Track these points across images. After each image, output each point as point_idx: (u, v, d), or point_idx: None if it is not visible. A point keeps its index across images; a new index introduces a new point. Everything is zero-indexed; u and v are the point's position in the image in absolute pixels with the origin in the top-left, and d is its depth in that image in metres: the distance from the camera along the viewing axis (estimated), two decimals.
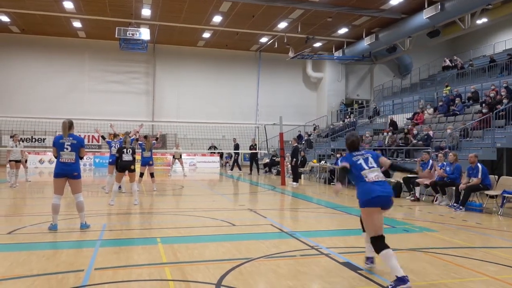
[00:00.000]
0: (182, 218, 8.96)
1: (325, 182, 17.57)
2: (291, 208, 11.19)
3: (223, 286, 4.47)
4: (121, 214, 9.03)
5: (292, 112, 30.06)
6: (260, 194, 14.04)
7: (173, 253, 5.76)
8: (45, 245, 6.28)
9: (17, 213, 9.14)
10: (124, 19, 23.12)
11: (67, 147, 7.14)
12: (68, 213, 8.95)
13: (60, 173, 7.14)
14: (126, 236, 7.09)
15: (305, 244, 6.38)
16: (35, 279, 4.62)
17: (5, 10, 22.78)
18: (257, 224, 8.22)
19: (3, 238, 6.69)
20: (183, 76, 29.68)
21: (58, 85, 27.54)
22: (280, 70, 31.25)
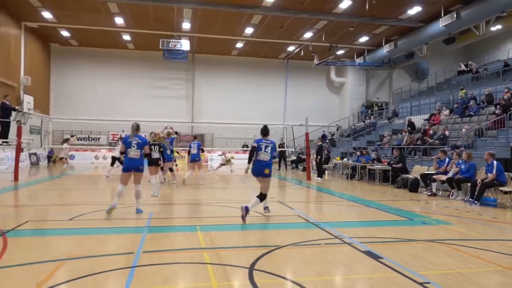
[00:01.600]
0: (219, 208, 9.04)
1: (347, 177, 17.34)
2: (316, 201, 11.10)
3: (255, 269, 4.48)
4: (164, 205, 9.20)
5: (317, 113, 29.83)
6: (288, 188, 14.00)
7: (210, 240, 5.82)
8: (101, 230, 6.48)
9: (76, 202, 9.47)
10: (167, 32, 23.51)
11: (133, 146, 7.63)
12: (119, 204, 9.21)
13: (127, 168, 7.66)
14: (169, 223, 7.22)
15: (329, 234, 6.32)
16: (93, 259, 4.78)
17: (66, 26, 23.61)
18: (285, 215, 8.20)
19: (65, 223, 6.95)
20: (218, 82, 29.93)
21: (111, 91, 28.32)
22: (306, 76, 31.04)
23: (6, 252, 4.99)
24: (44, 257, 4.81)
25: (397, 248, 5.55)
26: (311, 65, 27.26)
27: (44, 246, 5.39)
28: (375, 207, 9.35)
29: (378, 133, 23.64)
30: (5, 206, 8.86)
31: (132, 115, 26.77)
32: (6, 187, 11.91)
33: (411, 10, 20.21)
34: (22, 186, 12.40)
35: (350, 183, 15.60)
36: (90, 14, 21.32)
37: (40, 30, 24.33)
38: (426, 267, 4.73)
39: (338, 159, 19.84)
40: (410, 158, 16.44)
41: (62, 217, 7.41)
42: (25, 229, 6.42)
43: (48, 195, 10.82)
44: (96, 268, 4.45)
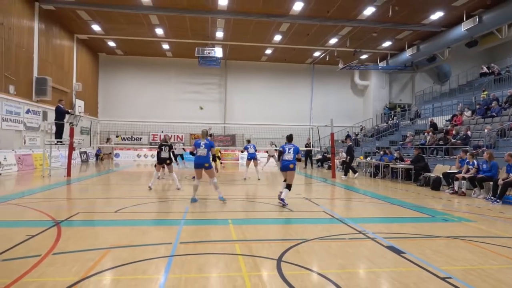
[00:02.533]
0: (249, 203, 9.08)
1: (370, 175, 17.00)
2: (341, 198, 10.95)
3: (283, 261, 4.48)
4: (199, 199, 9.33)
5: (341, 115, 29.43)
6: (314, 185, 13.90)
7: (241, 232, 5.86)
8: (143, 222, 6.65)
9: (121, 196, 9.77)
10: (202, 41, 23.81)
11: (202, 145, 8.49)
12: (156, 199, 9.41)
13: (197, 164, 8.54)
14: (203, 217, 7.32)
15: (353, 229, 6.22)
16: (136, 248, 4.91)
17: (113, 37, 24.36)
18: (311, 210, 8.14)
19: (111, 215, 7.18)
20: (249, 86, 30.04)
21: (151, 95, 28.97)
22: (331, 79, 30.66)
23: (60, 240, 5.22)
24: (92, 245, 5.00)
25: (419, 244, 5.39)
26: (336, 69, 26.89)
27: (93, 236, 5.60)
28: (397, 204, 9.13)
29: (400, 133, 23.05)
30: (59, 199, 9.26)
31: (170, 117, 27.34)
32: (60, 182, 12.44)
33: (433, 15, 19.54)
34: (73, 181, 12.91)
35: (373, 181, 15.29)
36: (134, 26, 21.91)
37: (90, 41, 25.23)
38: (448, 262, 4.58)
39: (361, 158, 19.47)
40: (432, 157, 15.92)
41: (108, 210, 7.66)
42: (76, 220, 6.68)
43: (96, 189, 11.22)
44: (138, 256, 4.57)
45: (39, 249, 4.76)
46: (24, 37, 17.96)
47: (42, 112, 19.48)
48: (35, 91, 18.71)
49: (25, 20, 17.99)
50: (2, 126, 16.21)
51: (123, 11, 19.36)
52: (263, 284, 3.83)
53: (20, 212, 7.32)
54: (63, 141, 14.72)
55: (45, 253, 4.58)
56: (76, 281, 3.80)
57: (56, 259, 4.43)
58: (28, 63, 18.34)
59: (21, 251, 4.67)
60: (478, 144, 13.88)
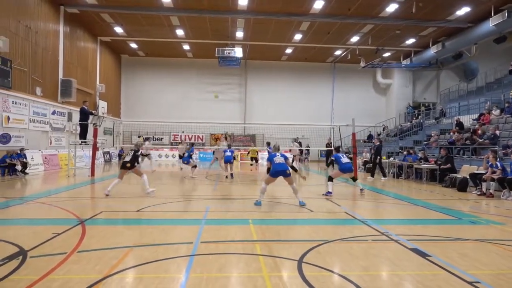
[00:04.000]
0: (269, 204, 9.08)
1: (393, 176, 16.69)
2: (363, 199, 10.80)
3: (304, 262, 4.45)
4: (221, 199, 9.39)
5: (363, 114, 29.06)
6: (335, 186, 13.74)
7: (262, 233, 5.86)
8: (164, 221, 6.75)
9: (143, 195, 9.94)
10: (222, 41, 23.97)
11: (278, 155, 8.81)
12: (177, 198, 9.52)
13: (275, 173, 8.59)
14: (224, 217, 7.36)
15: (375, 231, 6.12)
16: (157, 247, 4.99)
17: (135, 39, 24.84)
18: (333, 211, 8.07)
19: (134, 214, 7.31)
20: (269, 85, 30.03)
21: (172, 96, 29.38)
22: (352, 78, 30.30)
23: (85, 238, 5.35)
24: (116, 243, 5.11)
25: (445, 247, 5.26)
26: (357, 67, 26.55)
27: (116, 234, 5.72)
28: (422, 205, 8.93)
29: (425, 133, 22.52)
30: (84, 198, 9.51)
31: (191, 117, 27.64)
32: (84, 181, 12.77)
33: (459, 11, 19.00)
34: (97, 181, 13.23)
35: (397, 182, 15.01)
36: (155, 27, 22.27)
37: (112, 43, 25.80)
38: (476, 266, 4.44)
39: (384, 158, 19.13)
40: (458, 157, 15.48)
41: (130, 209, 7.81)
42: (100, 219, 6.84)
43: (119, 189, 11.45)
44: (160, 255, 4.64)
45: (65, 246, 4.90)
46: (50, 40, 18.54)
47: (67, 113, 20.07)
48: (60, 92, 19.30)
49: (51, 23, 18.57)
50: (30, 127, 16.79)
51: (145, 13, 19.71)
52: (284, 284, 3.82)
53: (46, 210, 7.56)
54: (87, 141, 15.11)
55: (70, 251, 4.71)
56: (99, 279, 3.89)
57: (81, 257, 4.55)
58: (54, 65, 18.92)
59: (48, 249, 4.82)
60: (508, 143, 13.41)
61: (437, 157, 14.75)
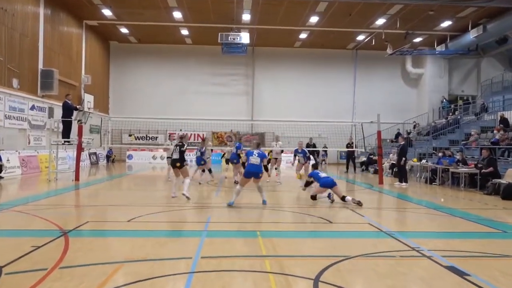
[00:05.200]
0: (280, 213, 9.06)
1: (426, 181, 16.57)
2: (390, 208, 10.73)
3: (321, 281, 4.43)
4: (223, 208, 9.40)
5: (390, 109, 28.88)
6: (357, 193, 13.68)
7: (272, 247, 5.85)
8: (159, 233, 6.78)
9: (135, 203, 9.98)
10: (225, 25, 24.00)
11: (255, 155, 9.42)
12: (175, 207, 9.56)
13: (247, 173, 9.41)
14: (228, 228, 7.36)
15: (404, 245, 6.08)
16: (152, 263, 5.01)
17: (125, 23, 25.02)
18: (354, 222, 8.03)
19: (124, 225, 7.35)
20: (280, 76, 30.03)
21: (169, 88, 29.55)
22: (378, 67, 30.16)
23: (68, 251, 5.40)
24: (104, 258, 5.14)
25: (487, 265, 5.20)
26: (383, 55, 26.40)
27: (104, 247, 5.76)
28: (459, 216, 8.84)
29: (463, 131, 22.33)
30: (67, 206, 9.59)
31: (190, 113, 27.75)
32: (68, 187, 12.88)
33: None
34: (82, 186, 13.34)
35: (430, 188, 14.88)
36: (149, 9, 22.40)
37: (100, 28, 26.02)
38: None
39: (415, 161, 19.02)
40: (503, 160, 15.31)
41: (121, 218, 7.85)
42: (85, 230, 6.89)
43: (107, 196, 11.54)
44: (154, 272, 4.66)
45: (45, 261, 4.94)
46: (29, 24, 18.75)
47: (48, 109, 20.28)
48: (40, 85, 19.50)
49: (30, 5, 18.79)
50: (5, 124, 16.99)
51: None
52: None
53: (24, 220, 7.64)
54: (70, 141, 15.24)
55: (51, 267, 4.75)
56: None
57: (64, 273, 4.58)
58: (33, 53, 19.14)
59: (26, 264, 4.86)
60: None
61: (478, 160, 14.61)
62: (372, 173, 20.93)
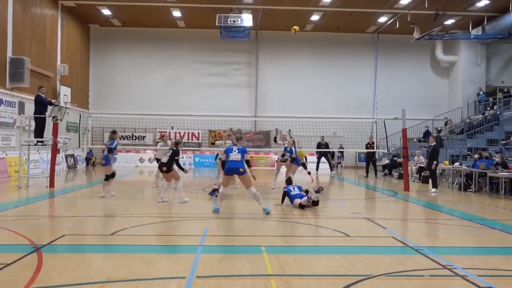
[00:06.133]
0: (289, 225, 9.04)
1: (459, 188, 16.52)
2: (417, 219, 10.70)
3: None
4: (222, 219, 9.39)
5: (417, 103, 28.78)
6: (378, 201, 13.65)
7: (279, 264, 5.84)
8: (147, 248, 6.78)
9: (119, 213, 9.98)
10: (225, 5, 23.99)
11: (235, 151, 9.89)
12: (167, 217, 9.56)
13: (227, 170, 9.94)
14: (228, 242, 7.35)
15: (434, 262, 6.06)
16: (138, 283, 5.00)
17: (108, 3, 25.04)
18: (375, 235, 8.01)
19: (107, 239, 7.36)
20: (288, 65, 29.99)
21: (158, 80, 29.55)
22: (403, 55, 30.08)
23: (42, 270, 5.40)
24: (83, 278, 5.14)
25: None
26: (409, 40, 26.33)
27: (83, 265, 5.75)
28: (499, 228, 8.81)
29: (502, 129, 22.25)
30: (40, 217, 9.61)
31: (183, 109, 27.80)
32: (41, 194, 12.90)
33: None
34: (58, 194, 13.36)
35: (464, 196, 14.84)
36: None
37: (78, 9, 26.07)
38: None
39: (446, 164, 18.97)
40: None
41: (103, 231, 7.86)
42: (61, 244, 6.89)
43: (87, 205, 11.54)
44: None
45: (15, 282, 4.94)
46: None
47: (18, 103, 20.33)
48: (9, 75, 19.54)
49: None
50: None
51: None
52: None
53: None
54: (44, 140, 15.27)
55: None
56: None
57: None
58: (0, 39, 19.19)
59: None
60: None
61: None
62: (396, 178, 20.89)
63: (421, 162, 20.09)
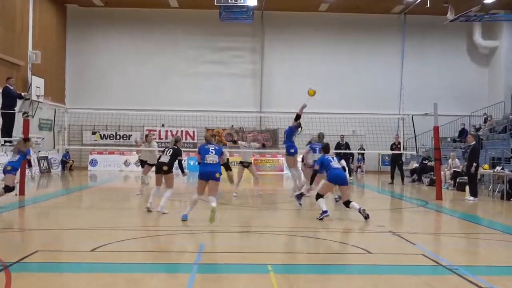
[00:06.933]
0: (299, 240, 9.01)
1: (501, 197, 16.44)
2: (451, 233, 10.66)
3: None
4: (221, 232, 9.38)
5: (451, 97, 28.75)
6: (405, 212, 13.61)
7: (289, 286, 5.83)
8: (133, 267, 6.76)
9: (100, 226, 9.98)
10: None
11: (211, 152, 10.07)
12: (157, 230, 9.58)
13: (200, 175, 10.17)
14: (228, 260, 7.33)
15: (472, 284, 6.03)
16: None
17: None
18: (402, 252, 7.98)
19: (86, 256, 7.35)
20: (299, 51, 29.93)
21: (146, 70, 29.57)
22: (434, 39, 30.01)
23: None
24: None
25: None
26: (442, 21, 26.28)
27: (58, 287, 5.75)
28: None
29: None
30: (9, 230, 9.62)
31: (176, 103, 27.73)
32: (10, 204, 12.88)
33: None
34: (29, 203, 13.36)
35: (507, 206, 14.80)
36: None
37: None
38: None
39: (486, 168, 18.90)
40: None
41: (81, 247, 7.86)
42: (33, 262, 6.88)
43: (63, 216, 11.54)
44: None
45: None
46: None
47: None
48: None
49: None
50: None
51: None
52: None
53: None
54: (13, 140, 15.29)
55: None
56: None
57: None
58: None
59: None
60: None
61: None
62: (427, 185, 20.82)
63: (456, 166, 20.00)
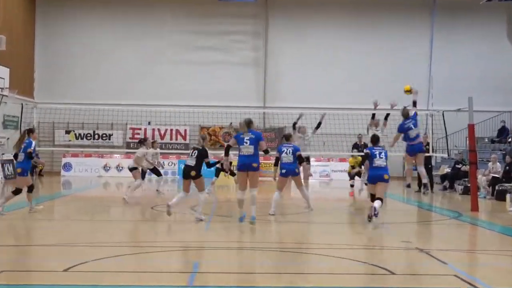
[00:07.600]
0: (313, 258, 9.00)
1: None
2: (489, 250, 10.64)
3: None
4: (218, 249, 9.37)
5: (489, 90, 28.83)
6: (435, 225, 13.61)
7: None
8: None
9: (74, 241, 9.97)
10: None
11: (246, 141, 11.01)
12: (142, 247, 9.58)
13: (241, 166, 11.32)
14: (227, 282, 7.31)
15: None
16: None
17: None
18: (431, 273, 7.96)
19: (58, 276, 7.33)
20: (310, 36, 29.98)
21: (129, 58, 29.63)
22: (468, 22, 30.07)
23: None
24: None
25: None
26: (478, 2, 26.28)
27: None
28: None
29: None
30: None
31: (164, 97, 27.76)
32: None
33: None
34: None
35: None
36: None
37: None
38: None
39: None
40: None
41: (53, 266, 7.84)
42: None
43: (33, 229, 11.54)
44: None
45: None
46: None
47: None
48: None
49: None
50: None
51: None
52: None
53: None
54: None
55: None
56: None
57: None
58: None
59: None
60: None
61: None
62: (460, 193, 20.74)
63: (496, 171, 19.88)
